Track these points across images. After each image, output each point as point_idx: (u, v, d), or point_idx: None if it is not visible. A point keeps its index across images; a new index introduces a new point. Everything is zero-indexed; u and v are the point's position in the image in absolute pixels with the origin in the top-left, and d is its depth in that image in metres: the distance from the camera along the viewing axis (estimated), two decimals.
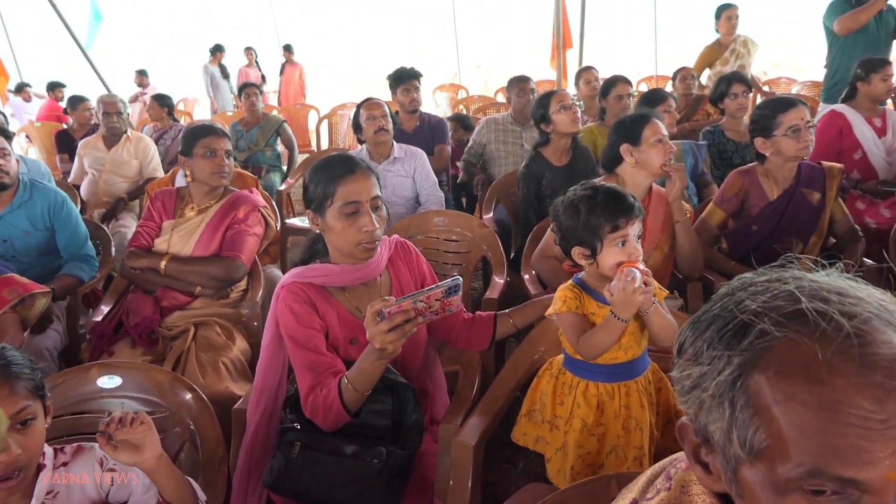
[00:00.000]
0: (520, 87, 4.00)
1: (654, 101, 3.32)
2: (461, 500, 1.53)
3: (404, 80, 3.97)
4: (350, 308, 1.64)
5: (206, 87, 8.85)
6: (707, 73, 5.30)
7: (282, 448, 1.53)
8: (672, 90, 4.75)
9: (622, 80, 3.77)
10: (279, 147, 5.25)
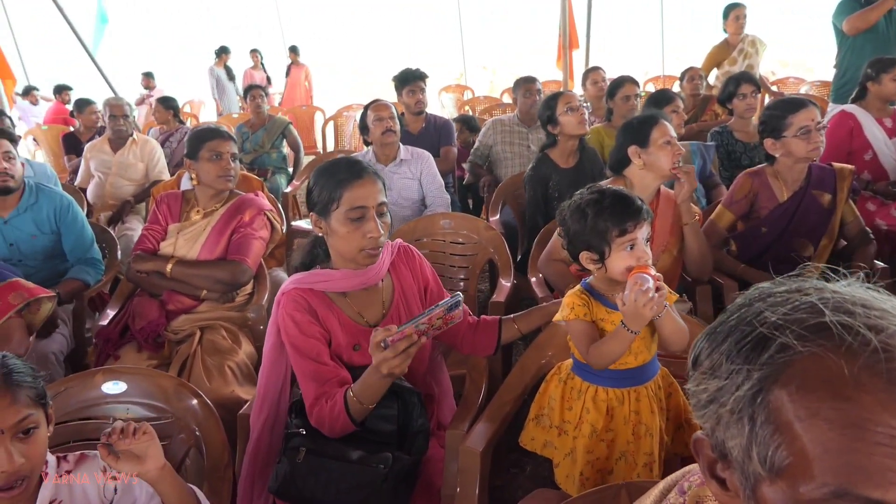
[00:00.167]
0: (526, 87, 3.98)
1: (661, 101, 3.30)
2: None
3: (410, 81, 3.96)
4: (352, 314, 1.63)
5: (211, 89, 8.86)
6: (715, 73, 5.27)
7: (287, 454, 1.52)
8: (680, 90, 4.72)
9: (629, 80, 3.75)
10: (285, 149, 5.24)
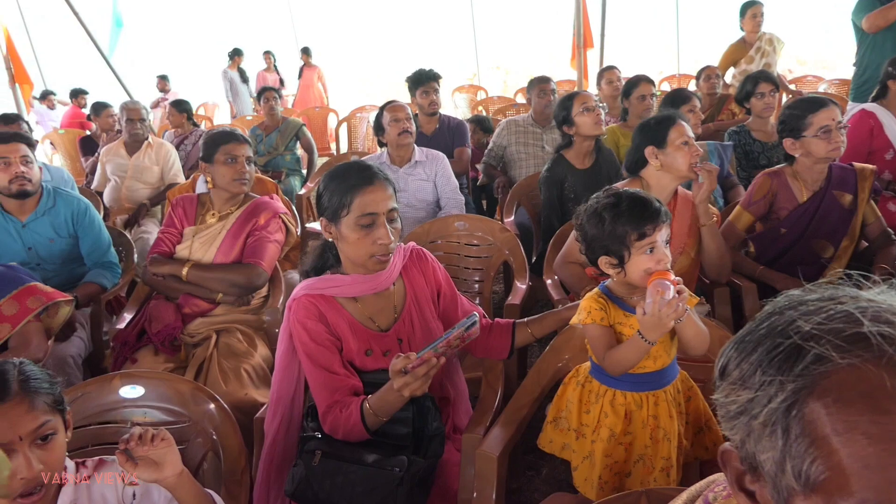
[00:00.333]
0: (540, 87, 3.96)
1: (678, 101, 3.27)
2: None
3: (423, 82, 3.95)
4: (363, 319, 1.62)
5: (225, 91, 8.90)
6: (732, 72, 5.21)
7: (303, 457, 1.53)
8: (696, 89, 4.68)
9: (645, 79, 3.72)
10: (299, 151, 5.25)
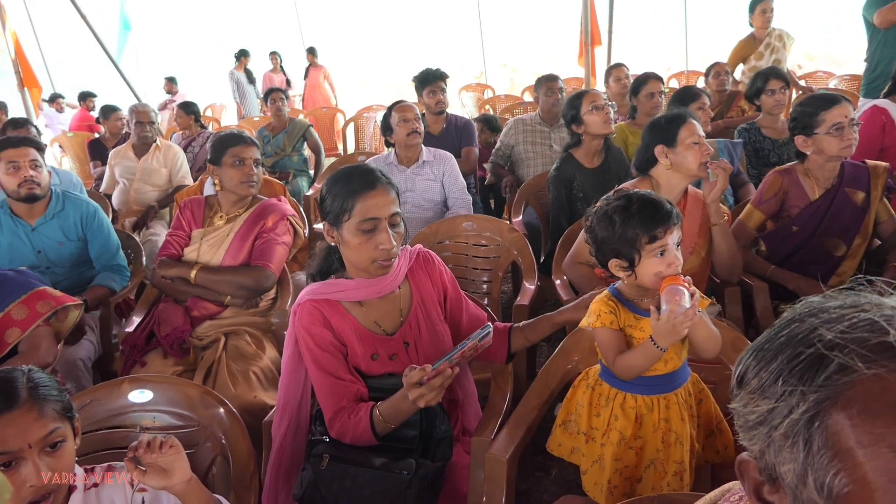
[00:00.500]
0: (548, 86, 3.94)
1: (687, 98, 3.24)
2: None
3: (430, 81, 3.94)
4: (368, 323, 1.62)
5: (232, 92, 8.92)
6: (741, 68, 5.17)
7: (311, 461, 1.53)
8: (705, 86, 4.65)
9: (653, 77, 3.69)
10: (306, 151, 5.26)
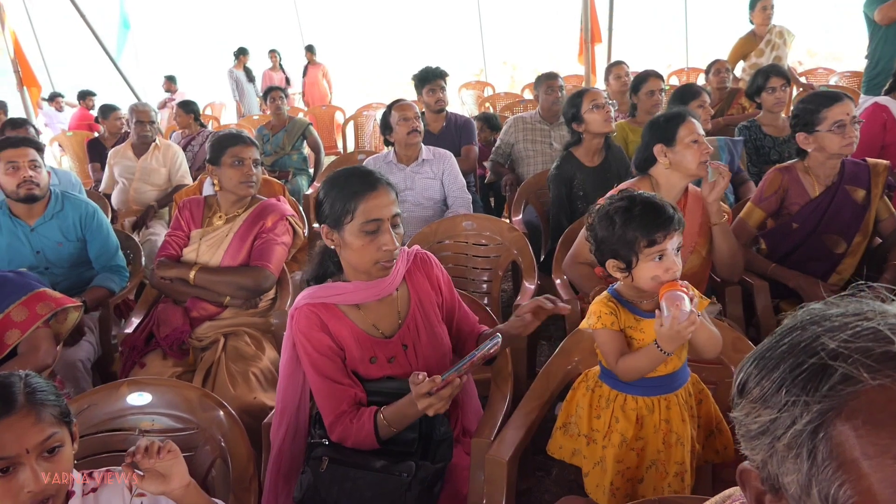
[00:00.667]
0: (548, 84, 3.93)
1: (687, 96, 3.23)
2: None
3: (430, 79, 3.93)
4: (366, 326, 1.61)
5: (231, 91, 8.90)
6: (741, 66, 5.15)
7: (310, 463, 1.53)
8: (705, 84, 4.63)
9: (653, 74, 3.68)
10: (305, 150, 5.25)
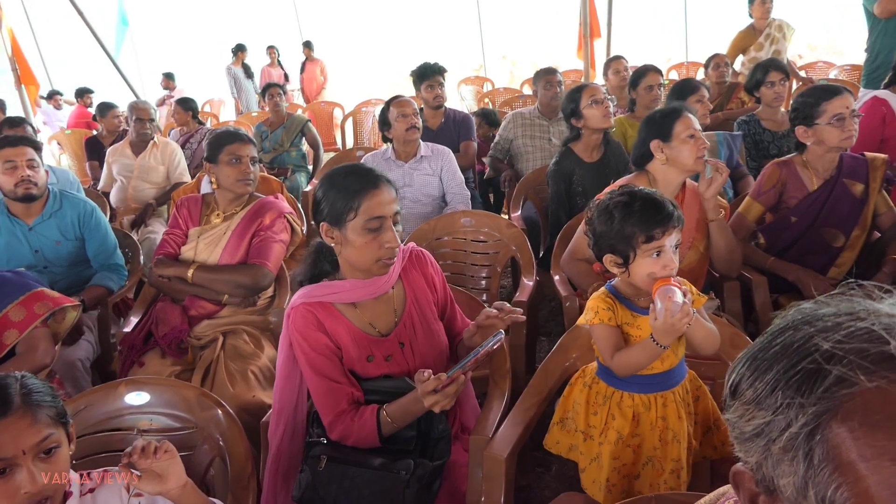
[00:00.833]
0: (546, 79, 3.92)
1: (685, 91, 3.22)
2: None
3: (428, 75, 3.92)
4: (362, 325, 1.61)
5: (229, 88, 8.88)
6: (741, 60, 5.14)
7: (309, 462, 1.53)
8: (704, 78, 4.62)
9: (652, 69, 3.67)
10: (304, 147, 5.24)
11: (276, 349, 2.34)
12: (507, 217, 3.29)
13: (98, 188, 4.29)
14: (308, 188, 4.45)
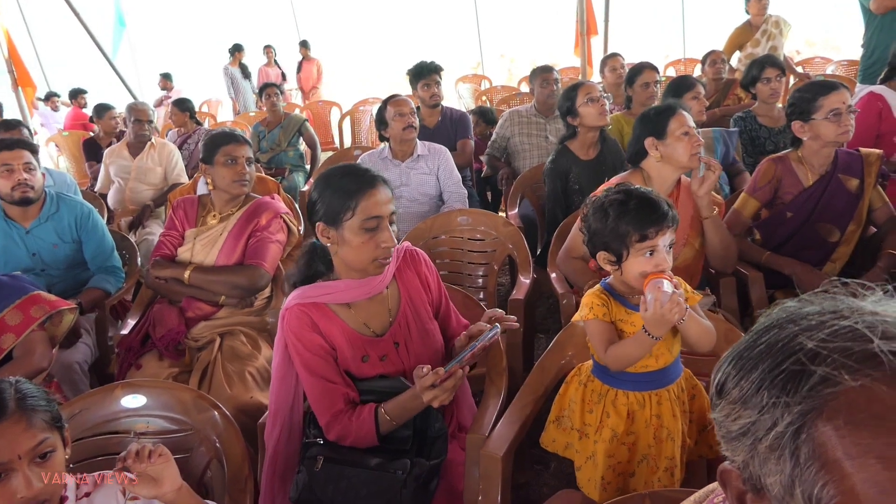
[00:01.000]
0: (543, 77, 3.92)
1: (681, 88, 3.22)
2: None
3: (425, 74, 3.92)
4: (357, 325, 1.61)
5: (227, 88, 8.87)
6: (737, 56, 5.14)
7: (305, 463, 1.54)
8: (701, 74, 4.62)
9: (648, 66, 3.67)
10: (302, 146, 5.24)
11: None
12: (504, 215, 3.30)
13: (95, 190, 4.29)
14: (305, 188, 4.45)
